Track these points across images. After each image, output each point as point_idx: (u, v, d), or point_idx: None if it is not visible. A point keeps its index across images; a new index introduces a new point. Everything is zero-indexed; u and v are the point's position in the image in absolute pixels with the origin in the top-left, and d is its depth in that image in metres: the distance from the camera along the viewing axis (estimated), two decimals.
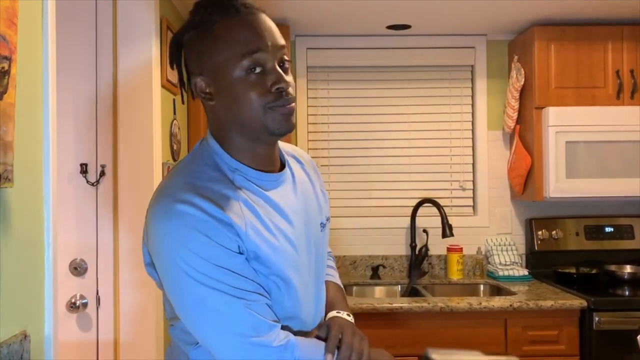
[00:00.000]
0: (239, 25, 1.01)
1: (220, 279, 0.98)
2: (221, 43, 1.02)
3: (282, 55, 1.04)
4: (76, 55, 2.17)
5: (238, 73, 1.01)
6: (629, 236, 3.13)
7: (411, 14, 2.86)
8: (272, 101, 1.01)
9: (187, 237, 0.97)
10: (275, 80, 1.01)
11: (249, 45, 1.00)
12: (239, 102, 1.02)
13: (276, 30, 1.06)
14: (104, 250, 2.19)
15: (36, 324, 1.23)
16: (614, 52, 2.88)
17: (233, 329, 0.99)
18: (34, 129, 1.24)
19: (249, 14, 1.03)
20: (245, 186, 1.07)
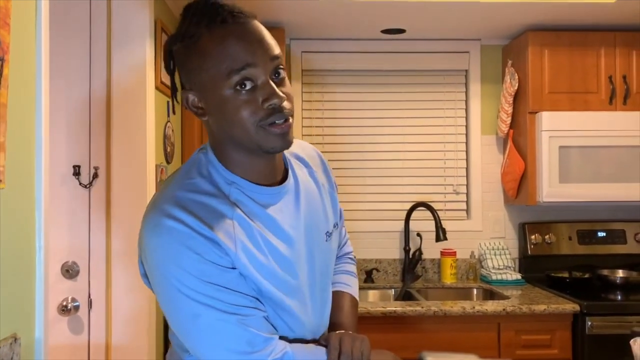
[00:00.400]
0: (226, 39, 0.94)
1: (213, 295, 0.96)
2: (208, 59, 0.95)
3: (275, 66, 0.98)
4: (70, 57, 2.16)
5: (227, 91, 0.95)
6: (622, 241, 3.14)
7: (406, 19, 2.87)
8: (264, 118, 0.95)
9: (177, 254, 0.95)
10: (267, 97, 0.95)
11: (236, 61, 0.94)
12: (230, 121, 0.97)
13: (269, 39, 0.99)
14: (96, 252, 2.17)
15: (27, 327, 1.22)
16: (607, 57, 2.90)
17: (227, 345, 0.97)
18: (26, 130, 1.23)
19: (236, 23, 0.96)
20: (241, 201, 1.02)
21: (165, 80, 2.46)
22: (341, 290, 1.28)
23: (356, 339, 1.11)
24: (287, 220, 1.07)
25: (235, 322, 0.97)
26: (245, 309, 0.99)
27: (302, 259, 1.10)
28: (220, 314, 0.96)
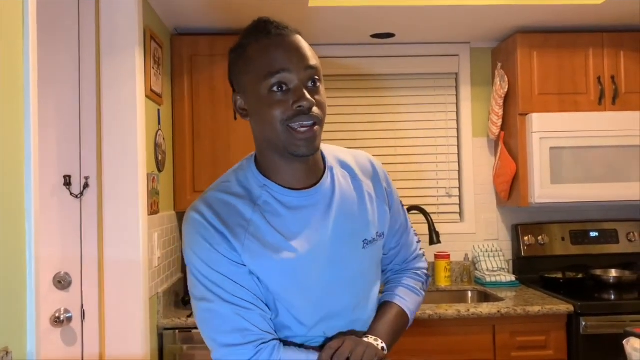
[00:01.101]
0: (267, 47, 1.07)
1: (217, 283, 1.06)
2: (250, 64, 1.08)
3: (310, 75, 1.07)
4: (59, 66, 2.15)
5: (263, 92, 1.06)
6: (614, 240, 3.16)
7: (395, 23, 2.88)
8: (291, 118, 1.04)
9: (194, 241, 1.09)
10: (297, 99, 1.04)
11: (272, 65, 1.05)
12: (264, 119, 1.07)
13: (307, 51, 1.08)
14: (89, 263, 2.15)
15: (18, 340, 1.20)
16: (595, 58, 2.92)
17: (221, 329, 1.06)
18: (15, 141, 1.22)
19: (278, 35, 1.08)
20: (269, 202, 1.11)
21: (155, 89, 2.45)
22: (391, 301, 1.27)
23: (360, 344, 1.09)
24: (311, 223, 1.11)
25: (231, 311, 1.05)
26: (245, 302, 1.06)
27: (321, 261, 1.11)
28: (220, 300, 1.06)
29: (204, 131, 2.79)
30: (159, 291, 2.46)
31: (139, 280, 2.19)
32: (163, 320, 2.44)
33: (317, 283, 1.11)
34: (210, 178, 2.77)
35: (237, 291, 1.06)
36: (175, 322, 2.45)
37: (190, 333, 2.44)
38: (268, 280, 1.09)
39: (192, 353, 2.44)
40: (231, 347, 1.05)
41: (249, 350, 1.04)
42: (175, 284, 2.76)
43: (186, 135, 2.78)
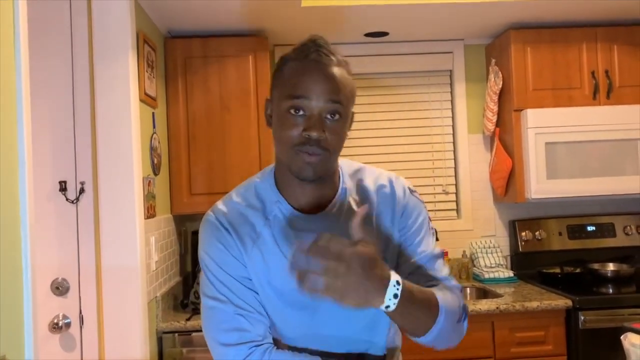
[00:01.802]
0: (298, 69, 1.08)
1: (226, 284, 1.10)
2: (281, 79, 1.11)
3: (331, 109, 1.06)
4: (52, 71, 2.14)
5: (283, 110, 1.08)
6: (611, 234, 3.16)
7: (389, 21, 2.88)
8: (298, 145, 1.06)
9: (209, 243, 1.14)
10: (307, 127, 1.05)
11: (295, 89, 1.07)
12: (278, 135, 1.10)
13: (335, 84, 1.07)
14: (86, 268, 2.15)
15: (16, 348, 1.20)
16: (589, 53, 2.92)
17: (220, 326, 1.09)
18: (9, 148, 1.21)
19: (315, 61, 1.08)
20: (279, 219, 1.13)
21: (149, 92, 2.45)
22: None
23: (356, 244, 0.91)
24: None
25: (234, 311, 1.09)
26: (248, 306, 1.10)
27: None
28: (226, 300, 1.10)
29: (199, 133, 2.78)
30: (157, 295, 2.45)
31: (136, 284, 2.18)
32: (162, 323, 2.44)
33: (306, 312, 1.12)
34: (206, 180, 2.77)
35: (242, 294, 1.10)
36: (174, 325, 2.44)
37: (189, 336, 2.44)
38: (261, 294, 1.13)
39: (192, 356, 2.43)
40: (227, 346, 1.08)
41: (242, 351, 1.07)
42: (173, 287, 2.76)
43: (181, 138, 2.78)
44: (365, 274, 0.87)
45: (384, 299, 0.91)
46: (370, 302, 0.90)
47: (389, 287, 0.91)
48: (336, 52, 1.12)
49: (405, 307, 0.94)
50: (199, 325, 2.42)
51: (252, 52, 2.81)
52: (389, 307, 0.92)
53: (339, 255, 0.87)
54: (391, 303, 0.91)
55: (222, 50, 2.80)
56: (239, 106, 2.79)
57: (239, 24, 2.79)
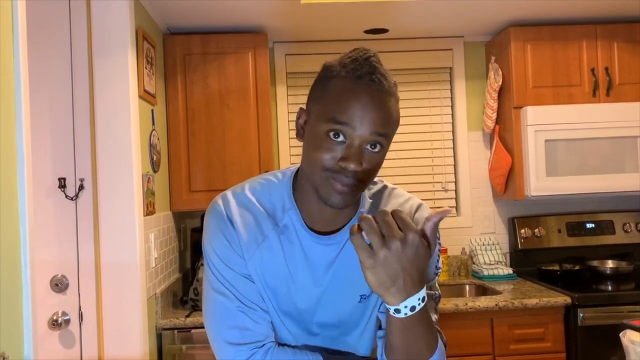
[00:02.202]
0: (346, 91, 0.99)
1: (229, 279, 1.07)
2: (325, 96, 1.01)
3: (373, 141, 0.99)
4: (51, 68, 2.13)
5: (321, 131, 0.99)
6: (610, 231, 3.17)
7: (388, 18, 2.88)
8: (331, 172, 0.98)
9: (214, 236, 1.09)
10: (345, 157, 0.97)
11: (341, 114, 0.97)
12: (309, 155, 1.01)
13: (383, 115, 0.99)
14: (85, 265, 2.15)
15: (15, 344, 1.20)
16: (589, 50, 2.92)
17: (223, 322, 1.07)
18: (8, 145, 1.21)
19: (366, 85, 0.99)
20: (288, 229, 1.08)
21: (148, 89, 2.44)
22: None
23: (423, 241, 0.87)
24: (313, 266, 1.08)
25: (236, 307, 1.06)
26: (250, 302, 1.07)
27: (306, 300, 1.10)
28: (229, 295, 1.07)
29: (199, 130, 2.78)
30: (156, 292, 2.45)
31: (136, 281, 2.19)
32: (161, 320, 2.44)
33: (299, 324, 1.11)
34: (205, 177, 2.77)
35: (245, 290, 1.07)
36: (173, 322, 2.45)
37: (189, 333, 2.44)
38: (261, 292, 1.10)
39: (192, 353, 2.44)
40: (229, 345, 1.06)
41: (244, 352, 1.05)
42: (173, 284, 2.76)
43: (181, 135, 2.78)
44: (409, 265, 0.84)
45: (401, 301, 0.86)
46: (389, 291, 0.85)
47: (413, 296, 0.86)
48: (388, 74, 1.03)
49: (413, 324, 0.89)
50: (198, 322, 2.42)
51: (252, 48, 2.81)
52: (399, 313, 0.87)
53: (404, 234, 0.84)
54: (404, 312, 0.86)
55: (221, 47, 2.80)
56: (239, 103, 2.79)
57: (239, 21, 2.79)
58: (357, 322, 1.13)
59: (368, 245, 0.84)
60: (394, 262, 0.83)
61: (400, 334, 0.90)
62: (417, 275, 0.85)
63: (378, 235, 0.83)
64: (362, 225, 0.84)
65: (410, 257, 0.84)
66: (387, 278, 0.84)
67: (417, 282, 0.86)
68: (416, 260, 0.84)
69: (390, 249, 0.83)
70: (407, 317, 0.87)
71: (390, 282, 0.84)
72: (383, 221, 0.84)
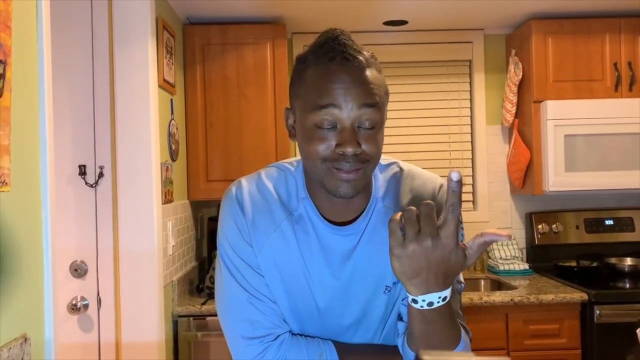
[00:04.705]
0: (323, 75, 0.96)
1: (239, 269, 1.06)
2: (304, 88, 0.98)
3: (365, 116, 0.95)
4: (72, 57, 2.16)
5: (309, 124, 0.96)
6: (629, 229, 3.13)
7: (408, 10, 2.86)
8: (331, 161, 0.95)
9: (227, 225, 1.07)
10: (340, 142, 0.94)
11: (322, 98, 0.94)
12: (306, 150, 0.98)
13: (371, 87, 0.96)
14: (104, 251, 2.19)
15: (36, 326, 1.23)
16: (612, 44, 2.87)
17: (234, 314, 1.06)
18: (30, 132, 1.23)
19: (340, 64, 0.95)
20: (303, 219, 1.05)
21: (168, 78, 2.46)
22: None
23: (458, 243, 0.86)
24: (329, 257, 1.05)
25: (246, 298, 1.04)
26: (259, 294, 1.05)
27: (327, 296, 1.07)
28: (238, 286, 1.05)
29: (217, 120, 2.80)
30: (173, 279, 2.48)
31: (153, 268, 2.22)
32: (177, 307, 2.48)
33: (310, 316, 1.08)
34: (223, 167, 2.79)
35: (255, 281, 1.05)
36: (189, 309, 2.48)
37: (204, 320, 2.47)
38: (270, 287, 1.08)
39: (207, 340, 2.47)
40: (241, 338, 1.04)
41: (256, 347, 1.03)
42: (189, 272, 2.79)
43: (199, 125, 2.80)
44: (435, 265, 0.83)
45: (420, 294, 0.85)
46: (410, 282, 0.84)
47: (434, 293, 0.85)
48: (362, 48, 1.00)
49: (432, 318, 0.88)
50: (214, 309, 2.45)
51: (270, 39, 2.82)
52: (416, 304, 0.86)
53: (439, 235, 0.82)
54: (421, 304, 0.86)
55: (240, 38, 2.81)
56: (256, 93, 2.80)
57: (258, 11, 2.79)
58: (381, 317, 1.09)
59: (402, 235, 0.83)
60: (421, 259, 0.83)
61: (419, 324, 0.90)
62: (442, 277, 0.84)
63: (414, 229, 0.82)
64: (404, 214, 0.83)
65: (439, 259, 0.83)
66: (410, 270, 0.84)
67: (441, 283, 0.85)
68: (444, 263, 0.83)
69: (421, 244, 0.82)
70: (425, 310, 0.87)
71: (413, 274, 0.84)
72: (425, 215, 0.82)
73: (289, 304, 1.07)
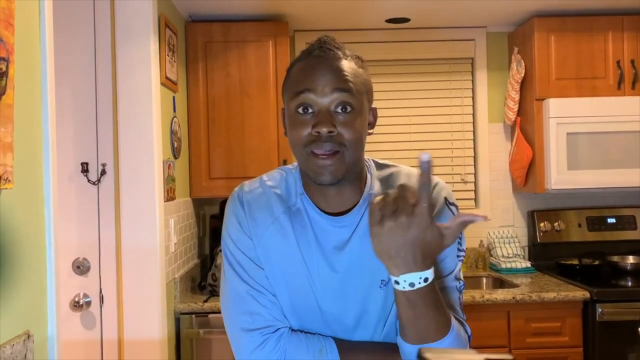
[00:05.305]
0: (303, 67, 1.05)
1: (240, 262, 1.08)
2: (288, 81, 1.07)
3: (339, 99, 1.00)
4: (75, 55, 2.16)
5: (291, 111, 1.04)
6: (632, 227, 3.12)
7: (410, 7, 2.85)
8: (309, 143, 1.00)
9: (229, 220, 1.12)
10: (316, 123, 0.99)
11: (300, 84, 1.02)
12: (291, 139, 1.05)
13: (345, 74, 1.01)
14: (107, 248, 2.19)
15: (39, 323, 1.23)
16: (615, 42, 2.87)
17: (234, 307, 1.08)
18: (33, 130, 1.24)
19: (318, 56, 1.04)
20: (301, 213, 1.09)
21: (170, 76, 2.46)
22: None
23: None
24: (325, 249, 1.07)
25: (246, 291, 1.07)
26: (260, 286, 1.07)
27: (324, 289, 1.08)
28: (239, 279, 1.08)
29: (219, 118, 2.80)
30: (175, 276, 2.49)
31: (155, 265, 2.22)
32: (180, 305, 2.48)
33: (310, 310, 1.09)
34: (225, 165, 2.79)
35: (255, 274, 1.08)
36: (191, 306, 2.48)
37: (206, 318, 2.48)
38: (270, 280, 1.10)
39: (209, 337, 2.48)
40: (241, 331, 1.06)
41: (256, 339, 1.05)
42: (191, 270, 2.80)
43: (201, 122, 2.80)
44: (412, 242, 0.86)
45: (401, 274, 0.88)
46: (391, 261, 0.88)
47: (414, 273, 0.88)
48: (345, 48, 1.07)
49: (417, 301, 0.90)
50: (216, 307, 2.46)
51: (273, 37, 2.81)
52: (398, 285, 0.89)
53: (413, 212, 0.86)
54: (402, 285, 0.89)
55: (242, 35, 2.81)
56: (259, 91, 2.80)
57: (260, 9, 2.79)
58: (379, 314, 1.09)
59: (380, 215, 0.87)
60: (398, 235, 0.86)
61: (404, 310, 0.92)
62: (421, 256, 0.88)
63: (391, 207, 0.87)
64: (384, 197, 0.88)
65: (415, 235, 0.86)
66: (389, 248, 0.88)
67: (420, 262, 0.88)
68: (420, 240, 0.87)
69: (397, 221, 0.86)
70: (409, 292, 0.89)
71: (392, 252, 0.88)
72: (399, 195, 0.87)
73: (289, 297, 1.08)
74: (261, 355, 1.04)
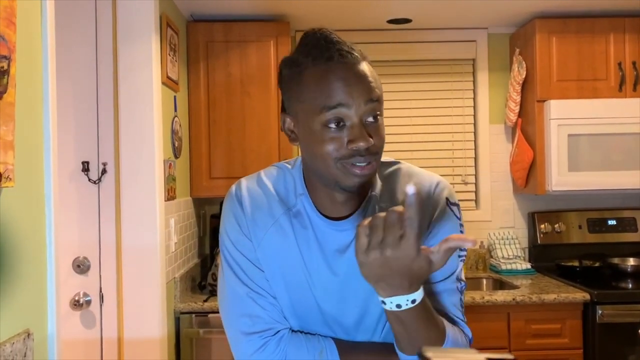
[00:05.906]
0: (325, 75, 0.96)
1: (239, 263, 1.07)
2: (306, 91, 0.98)
3: (371, 110, 0.97)
4: (76, 53, 2.17)
5: (317, 126, 0.96)
6: (632, 229, 3.12)
7: (412, 8, 2.85)
8: (346, 158, 0.96)
9: (227, 220, 1.10)
10: (353, 139, 0.95)
11: (330, 98, 0.95)
12: (314, 153, 0.99)
13: (370, 81, 0.98)
14: (107, 247, 2.19)
15: (39, 322, 1.23)
16: (616, 44, 2.87)
17: (233, 309, 1.07)
18: (35, 128, 1.24)
19: (340, 62, 0.97)
20: (301, 214, 1.07)
21: (171, 75, 2.46)
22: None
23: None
24: (326, 252, 1.06)
25: (245, 293, 1.06)
26: (259, 288, 1.06)
27: (325, 292, 1.07)
28: (238, 280, 1.06)
29: (220, 118, 2.80)
30: (175, 276, 2.49)
31: (156, 265, 2.22)
32: (180, 304, 2.48)
33: (310, 310, 1.08)
34: (225, 164, 2.79)
35: (255, 276, 1.06)
36: (191, 306, 2.48)
37: (206, 317, 2.48)
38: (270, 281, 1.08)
39: (209, 337, 2.48)
40: (241, 334, 1.05)
41: (256, 342, 1.04)
42: (192, 269, 2.79)
43: (202, 122, 2.80)
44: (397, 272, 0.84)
45: (387, 297, 0.87)
46: (377, 284, 0.87)
47: (401, 296, 0.87)
48: (350, 43, 1.02)
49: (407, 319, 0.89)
50: (216, 306, 2.46)
51: (274, 37, 2.81)
52: (385, 305, 0.88)
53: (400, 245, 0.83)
54: (389, 306, 0.88)
55: (243, 35, 2.81)
56: (260, 91, 2.80)
57: (261, 9, 2.79)
58: (379, 317, 1.09)
59: (368, 241, 0.84)
60: (383, 266, 0.84)
61: (394, 325, 0.92)
62: (407, 282, 0.86)
63: (378, 237, 0.83)
64: (372, 221, 0.84)
65: (401, 267, 0.84)
66: (372, 275, 0.86)
67: (406, 287, 0.86)
68: (406, 270, 0.84)
69: (382, 253, 0.83)
70: (396, 311, 0.88)
71: (376, 278, 0.86)
72: (389, 224, 0.83)
73: (289, 299, 1.07)
74: (261, 357, 1.03)
